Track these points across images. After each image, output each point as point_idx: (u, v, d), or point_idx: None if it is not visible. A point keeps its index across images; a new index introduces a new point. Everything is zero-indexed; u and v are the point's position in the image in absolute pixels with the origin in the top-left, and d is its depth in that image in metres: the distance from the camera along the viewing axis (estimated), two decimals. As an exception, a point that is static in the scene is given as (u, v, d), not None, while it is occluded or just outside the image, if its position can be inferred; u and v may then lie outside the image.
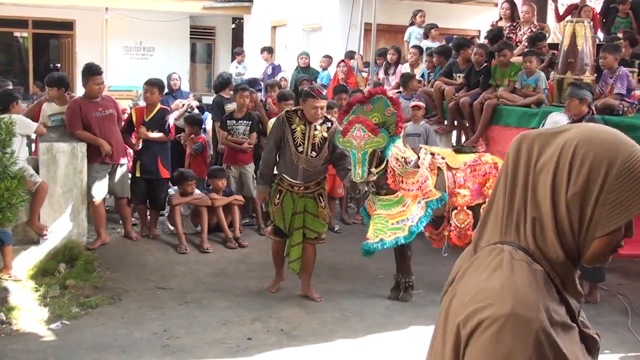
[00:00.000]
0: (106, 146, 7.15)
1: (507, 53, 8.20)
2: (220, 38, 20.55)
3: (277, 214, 6.01)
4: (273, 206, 6.01)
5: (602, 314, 6.04)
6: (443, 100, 8.95)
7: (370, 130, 5.68)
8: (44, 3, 17.23)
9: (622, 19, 9.74)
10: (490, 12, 13.95)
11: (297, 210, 5.95)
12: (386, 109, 5.87)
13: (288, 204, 5.95)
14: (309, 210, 5.98)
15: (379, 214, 5.94)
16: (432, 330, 1.60)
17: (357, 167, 5.68)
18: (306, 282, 6.21)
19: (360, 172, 5.67)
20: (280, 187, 6.00)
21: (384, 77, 10.55)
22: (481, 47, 8.81)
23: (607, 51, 7.00)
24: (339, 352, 5.13)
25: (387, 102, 5.88)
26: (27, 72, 18.78)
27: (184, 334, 5.34)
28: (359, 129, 5.68)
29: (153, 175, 7.69)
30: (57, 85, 7.52)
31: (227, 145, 8.17)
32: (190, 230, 7.87)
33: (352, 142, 5.68)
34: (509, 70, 8.13)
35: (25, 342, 5.18)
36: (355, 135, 5.67)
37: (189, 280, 6.72)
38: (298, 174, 5.89)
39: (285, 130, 5.89)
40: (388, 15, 12.93)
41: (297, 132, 5.87)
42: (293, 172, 5.90)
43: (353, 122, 5.73)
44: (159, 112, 7.76)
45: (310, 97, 5.81)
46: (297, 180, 5.91)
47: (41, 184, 6.65)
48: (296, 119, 5.90)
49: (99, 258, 6.95)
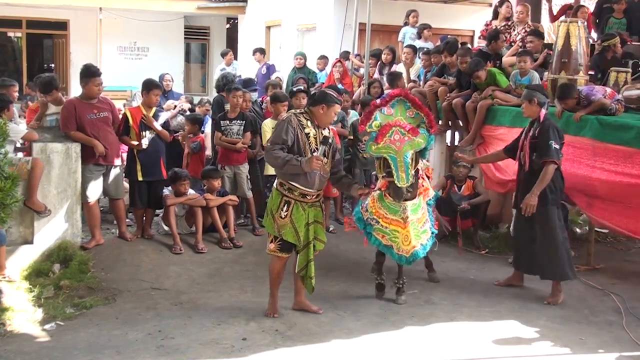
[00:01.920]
0: (100, 147, 7.13)
1: (481, 75, 8.17)
2: (214, 38, 20.55)
3: (286, 227, 5.50)
4: (280, 219, 5.49)
5: (597, 314, 6.06)
6: (437, 101, 8.96)
7: (409, 132, 5.62)
8: (38, 3, 17.20)
9: (617, 19, 9.75)
10: (484, 12, 13.99)
11: (310, 221, 5.55)
12: (407, 111, 5.81)
13: (300, 216, 5.50)
14: (318, 220, 5.67)
15: (412, 219, 5.83)
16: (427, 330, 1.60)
17: (400, 171, 5.58)
18: (302, 296, 5.90)
19: (404, 176, 5.58)
20: (288, 198, 5.49)
21: (378, 77, 10.55)
22: (466, 53, 8.67)
23: (561, 100, 7.12)
24: (334, 352, 5.13)
25: (407, 104, 5.82)
26: (21, 72, 18.74)
27: (178, 335, 5.33)
28: (397, 132, 5.61)
29: (155, 176, 7.69)
30: (55, 88, 7.60)
31: (221, 145, 8.16)
32: (185, 230, 7.86)
33: (391, 147, 5.58)
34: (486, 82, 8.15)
35: (19, 343, 5.17)
36: (393, 139, 5.58)
37: (184, 280, 6.71)
38: (315, 182, 5.48)
39: (300, 134, 5.43)
40: (382, 15, 12.94)
41: (311, 137, 5.45)
42: (309, 179, 5.43)
43: (388, 127, 5.63)
44: (157, 112, 7.80)
45: (336, 103, 5.50)
46: (312, 189, 5.50)
47: (35, 161, 6.60)
48: (307, 123, 5.49)
49: (94, 258, 6.94)
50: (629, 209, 6.57)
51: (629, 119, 6.83)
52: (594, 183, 6.79)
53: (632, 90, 7.53)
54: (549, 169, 6.10)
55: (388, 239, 5.89)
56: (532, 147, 6.24)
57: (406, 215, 5.79)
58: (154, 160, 7.66)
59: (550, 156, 6.09)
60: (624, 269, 7.40)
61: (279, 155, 5.34)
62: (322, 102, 5.47)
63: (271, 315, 5.71)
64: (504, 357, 5.17)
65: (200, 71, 20.92)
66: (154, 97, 7.68)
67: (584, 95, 7.00)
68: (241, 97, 8.22)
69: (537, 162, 6.19)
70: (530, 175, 6.27)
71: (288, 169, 5.38)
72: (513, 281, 6.70)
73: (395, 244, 5.87)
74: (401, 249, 5.85)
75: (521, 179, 6.45)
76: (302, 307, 5.88)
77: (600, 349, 5.30)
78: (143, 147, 7.58)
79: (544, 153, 6.12)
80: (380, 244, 5.94)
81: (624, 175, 6.52)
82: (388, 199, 5.86)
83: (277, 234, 5.55)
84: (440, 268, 7.24)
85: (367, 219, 5.96)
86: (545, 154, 6.10)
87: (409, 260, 5.90)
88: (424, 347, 5.21)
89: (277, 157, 5.35)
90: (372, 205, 5.94)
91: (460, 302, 6.24)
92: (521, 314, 5.98)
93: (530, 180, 6.24)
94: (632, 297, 6.41)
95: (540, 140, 6.16)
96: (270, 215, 5.58)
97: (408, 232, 5.83)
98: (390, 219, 5.87)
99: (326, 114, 5.49)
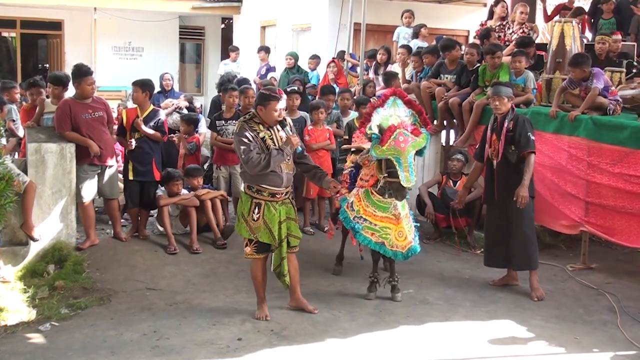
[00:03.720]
0: (95, 147, 7.12)
1: (500, 54, 8.21)
2: (209, 38, 20.50)
3: (260, 229, 5.52)
4: (253, 222, 5.51)
5: (591, 313, 6.07)
6: (432, 101, 8.97)
7: (412, 132, 5.70)
8: (32, 3, 17.13)
9: (606, 20, 9.77)
10: (479, 12, 13.99)
11: (282, 219, 5.57)
12: (401, 109, 5.92)
13: (272, 216, 5.52)
14: (290, 217, 5.69)
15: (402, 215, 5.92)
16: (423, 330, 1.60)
17: (404, 172, 5.63)
18: (298, 294, 5.90)
19: (409, 176, 5.64)
20: (258, 200, 5.51)
21: (373, 77, 10.56)
22: (473, 46, 8.82)
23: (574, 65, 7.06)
24: (330, 352, 5.13)
25: (400, 103, 5.92)
26: (15, 72, 18.65)
27: (173, 335, 5.32)
28: (401, 133, 5.67)
29: (147, 177, 7.68)
30: (63, 84, 7.61)
31: (217, 145, 8.16)
32: (180, 230, 7.85)
33: (396, 148, 5.63)
34: (498, 71, 8.15)
35: (14, 343, 5.15)
36: (399, 140, 5.64)
37: (179, 281, 6.70)
38: (283, 180, 5.52)
39: (256, 139, 5.45)
40: (377, 15, 12.95)
41: (267, 139, 5.47)
42: (276, 179, 5.49)
43: (392, 130, 5.69)
44: (152, 112, 7.77)
45: (272, 100, 5.46)
46: (281, 187, 5.53)
47: (30, 184, 6.61)
48: (258, 126, 5.49)
49: (88, 259, 6.93)
50: (627, 215, 6.61)
51: (623, 118, 6.85)
52: (591, 185, 6.84)
53: (626, 90, 7.55)
54: (531, 159, 6.28)
55: (379, 236, 5.90)
56: (508, 140, 6.34)
57: (398, 212, 5.86)
58: (146, 161, 7.66)
59: (531, 147, 6.28)
60: (619, 268, 7.41)
61: (258, 158, 5.37)
62: (258, 104, 5.52)
63: (262, 319, 5.68)
64: (499, 356, 5.18)
65: (195, 71, 20.87)
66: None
67: (594, 72, 7.00)
68: (237, 97, 8.23)
69: (513, 155, 6.32)
70: (506, 168, 6.37)
71: (275, 162, 5.40)
72: (508, 280, 6.72)
73: (387, 240, 5.89)
74: (395, 245, 5.88)
75: (494, 174, 6.51)
76: (299, 305, 5.88)
77: (595, 348, 5.31)
78: (131, 148, 7.60)
79: (524, 145, 6.27)
80: (371, 242, 5.94)
81: (620, 176, 6.55)
82: (376, 196, 5.91)
83: (252, 237, 5.57)
84: (435, 268, 7.25)
85: (354, 218, 5.98)
86: (526, 145, 6.27)
87: (406, 255, 5.92)
88: (419, 346, 5.21)
89: (258, 161, 5.36)
90: (359, 204, 5.98)
91: (455, 302, 6.25)
92: (516, 313, 5.99)
93: (507, 173, 6.36)
94: (627, 297, 6.42)
95: (518, 133, 6.30)
96: (242, 220, 5.58)
97: (402, 227, 5.89)
98: (380, 216, 5.90)
99: (267, 113, 5.47)
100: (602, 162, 6.77)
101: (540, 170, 7.34)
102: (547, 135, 7.34)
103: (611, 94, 7.07)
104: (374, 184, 5.94)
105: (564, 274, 7.16)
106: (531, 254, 6.42)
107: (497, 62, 8.17)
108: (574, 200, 7.11)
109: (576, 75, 7.04)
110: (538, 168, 7.33)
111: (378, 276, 6.28)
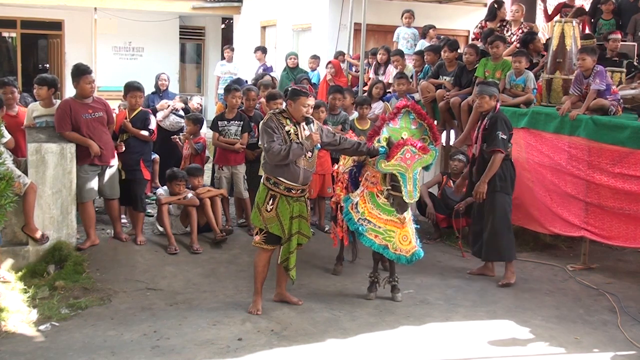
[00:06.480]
0: (95, 147, 7.12)
1: (500, 44, 8.26)
2: (209, 38, 20.52)
3: (272, 220, 5.70)
4: (266, 213, 5.69)
5: (592, 313, 6.07)
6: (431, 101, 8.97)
7: (420, 150, 5.80)
8: (33, 3, 17.16)
9: (605, 20, 9.76)
10: (479, 12, 13.99)
11: (294, 215, 5.75)
12: (412, 122, 6.04)
13: (284, 209, 5.69)
14: (302, 215, 5.82)
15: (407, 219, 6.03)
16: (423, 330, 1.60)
17: (408, 187, 5.75)
18: (283, 288, 6.07)
19: (412, 192, 5.76)
20: (273, 192, 5.68)
21: (374, 76, 10.55)
22: (472, 47, 8.84)
23: (586, 53, 7.04)
24: (330, 352, 5.13)
25: (412, 115, 6.04)
26: (16, 72, 18.66)
27: (174, 335, 5.33)
28: (408, 150, 5.78)
29: (135, 175, 7.69)
30: (48, 85, 7.47)
31: (219, 146, 8.17)
32: (180, 230, 7.85)
33: (402, 165, 5.74)
34: (501, 65, 8.18)
35: (14, 343, 5.15)
36: (405, 157, 5.75)
37: (179, 281, 6.70)
38: (300, 176, 5.68)
39: (281, 131, 5.65)
40: (377, 15, 12.96)
41: (291, 134, 5.66)
42: (294, 174, 5.66)
43: (400, 146, 5.78)
44: (140, 114, 7.78)
45: (302, 95, 5.69)
46: (297, 183, 5.69)
47: (30, 185, 6.60)
48: (285, 120, 5.70)
49: (89, 259, 6.92)
50: (626, 217, 6.62)
51: (624, 118, 6.85)
52: (591, 185, 6.84)
53: (626, 90, 7.55)
54: (496, 158, 6.51)
55: (382, 239, 5.93)
56: (483, 138, 6.61)
57: (403, 217, 5.95)
58: (133, 161, 7.68)
59: (497, 145, 6.47)
60: (619, 268, 7.42)
61: (279, 148, 5.55)
62: (289, 99, 5.77)
63: (254, 312, 5.77)
64: (500, 356, 5.18)
65: (195, 71, 20.89)
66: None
67: (597, 70, 7.01)
68: (240, 97, 8.25)
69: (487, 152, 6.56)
70: (483, 165, 6.65)
71: (294, 155, 5.59)
72: (484, 271, 6.99)
73: (391, 243, 5.93)
74: (399, 249, 5.94)
75: (474, 170, 6.87)
76: (282, 299, 6.06)
77: (595, 348, 5.31)
78: (121, 150, 7.60)
79: (492, 143, 6.49)
80: (374, 244, 5.96)
81: (621, 176, 6.56)
82: (381, 199, 5.95)
83: (263, 227, 5.73)
84: (435, 268, 7.25)
85: (358, 220, 5.99)
86: (493, 144, 6.48)
87: (410, 259, 5.99)
88: (419, 347, 5.21)
89: (278, 151, 5.55)
90: (364, 206, 6.01)
91: (455, 302, 6.25)
92: (516, 313, 5.99)
93: (484, 169, 6.64)
94: (627, 297, 6.42)
95: (490, 131, 6.52)
96: (257, 209, 5.77)
97: (407, 231, 5.99)
98: (384, 219, 5.94)
99: (296, 108, 5.70)
100: (602, 162, 6.76)
101: (540, 170, 7.35)
102: (547, 135, 7.34)
103: (612, 92, 7.07)
104: (381, 189, 5.98)
105: (564, 274, 7.17)
106: (502, 247, 6.68)
107: (497, 52, 8.26)
108: (573, 201, 7.10)
109: (586, 64, 7.03)
110: (538, 168, 7.36)
111: (378, 276, 6.30)
